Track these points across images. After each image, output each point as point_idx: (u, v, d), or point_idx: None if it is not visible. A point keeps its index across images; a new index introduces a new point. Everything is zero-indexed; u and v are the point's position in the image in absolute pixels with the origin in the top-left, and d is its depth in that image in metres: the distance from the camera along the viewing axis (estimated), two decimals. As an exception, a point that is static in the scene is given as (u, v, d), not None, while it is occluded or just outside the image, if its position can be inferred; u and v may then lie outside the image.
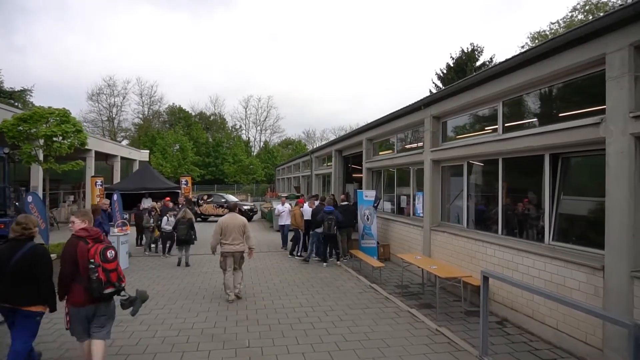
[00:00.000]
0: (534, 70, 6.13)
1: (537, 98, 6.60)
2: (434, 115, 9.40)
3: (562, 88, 6.05)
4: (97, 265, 4.03)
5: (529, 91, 6.59)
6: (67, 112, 12.41)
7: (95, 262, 4.03)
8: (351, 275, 9.70)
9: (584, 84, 5.68)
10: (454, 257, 8.29)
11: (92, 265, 4.03)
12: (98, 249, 4.08)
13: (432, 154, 9.39)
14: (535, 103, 6.72)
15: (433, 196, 9.46)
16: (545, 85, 6.22)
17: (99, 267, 4.03)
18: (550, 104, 6.43)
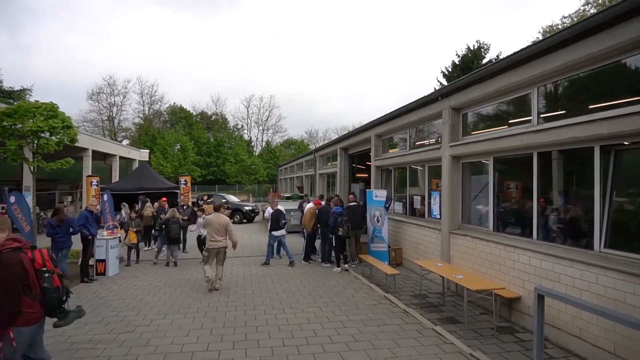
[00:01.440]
0: (581, 49, 5.24)
1: (584, 81, 5.68)
2: (454, 107, 8.50)
3: (617, 68, 5.13)
4: (52, 272, 3.49)
5: (573, 74, 5.69)
6: (54, 107, 11.55)
7: (49, 269, 3.48)
8: (362, 283, 8.81)
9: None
10: (478, 264, 7.39)
11: (47, 273, 3.46)
12: (43, 254, 3.51)
13: (451, 149, 8.49)
14: (581, 87, 5.80)
15: (452, 196, 8.56)
16: (595, 65, 5.31)
17: (53, 274, 3.50)
18: (602, 87, 5.51)
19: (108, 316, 6.32)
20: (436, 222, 9.40)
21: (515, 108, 7.11)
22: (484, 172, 8.02)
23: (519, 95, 6.79)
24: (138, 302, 7.21)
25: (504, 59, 6.61)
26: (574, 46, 5.33)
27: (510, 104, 7.19)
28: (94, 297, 7.61)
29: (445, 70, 38.61)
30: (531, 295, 6.07)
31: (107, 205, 10.99)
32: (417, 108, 10.03)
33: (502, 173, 7.50)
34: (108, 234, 9.86)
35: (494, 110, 7.69)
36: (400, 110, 10.82)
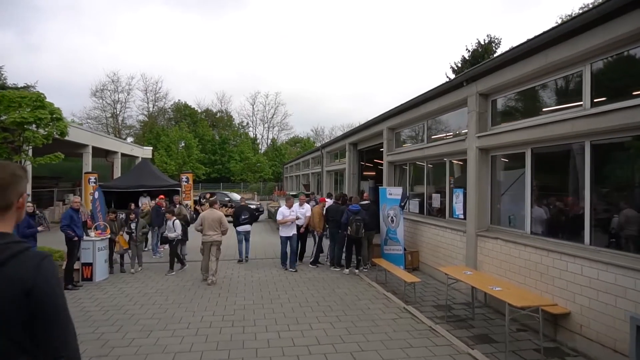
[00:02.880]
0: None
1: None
2: (482, 92, 7.50)
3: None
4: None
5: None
6: (41, 96, 10.72)
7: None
8: (377, 291, 7.83)
9: None
10: (513, 272, 6.40)
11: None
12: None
13: (478, 140, 7.49)
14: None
15: (480, 193, 7.56)
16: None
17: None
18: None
19: (83, 333, 5.39)
20: (459, 222, 8.41)
21: (559, 91, 6.09)
22: (518, 167, 7.01)
23: (565, 74, 5.78)
24: (122, 314, 6.28)
25: (548, 31, 5.60)
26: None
27: (553, 86, 6.18)
28: (74, 307, 6.68)
29: (454, 66, 37.49)
30: (584, 312, 5.08)
31: (98, 204, 10.09)
32: (437, 96, 9.02)
33: (542, 167, 6.48)
34: (96, 234, 8.96)
35: (531, 94, 6.67)
36: (417, 99, 9.81)
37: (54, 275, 1.48)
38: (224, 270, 9.56)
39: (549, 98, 6.30)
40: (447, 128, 9.44)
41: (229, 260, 10.85)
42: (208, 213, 8.67)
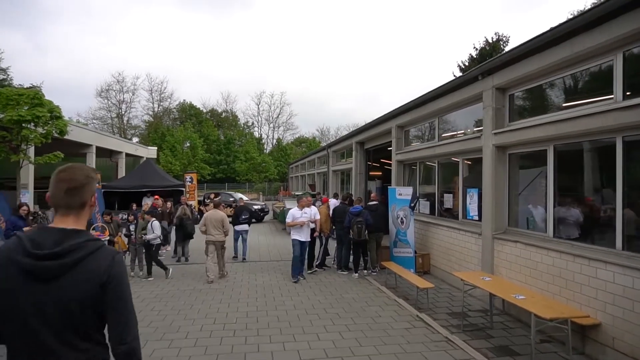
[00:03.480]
0: None
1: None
2: (498, 87, 7.07)
3: None
4: None
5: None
6: (39, 94, 10.41)
7: None
8: (387, 297, 7.42)
9: None
10: (535, 277, 5.96)
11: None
12: None
13: (495, 137, 7.06)
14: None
15: (497, 194, 7.13)
16: None
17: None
18: None
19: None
20: (474, 224, 7.98)
21: (586, 83, 5.66)
22: (538, 165, 6.59)
23: (593, 65, 5.34)
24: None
25: (575, 17, 5.17)
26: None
27: (579, 78, 5.74)
28: None
29: (461, 64, 37.01)
30: (617, 323, 4.65)
31: (96, 204, 9.75)
32: (449, 91, 8.59)
33: (566, 165, 6.05)
34: (95, 235, 8.61)
35: (554, 88, 6.24)
36: (428, 95, 9.39)
37: (124, 270, 1.67)
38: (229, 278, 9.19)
39: (574, 91, 5.87)
40: (460, 125, 9.00)
41: (228, 263, 10.48)
42: (211, 214, 8.86)
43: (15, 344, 1.54)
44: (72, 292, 1.52)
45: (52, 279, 1.51)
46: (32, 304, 1.50)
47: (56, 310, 1.51)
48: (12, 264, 1.50)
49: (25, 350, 1.52)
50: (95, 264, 1.56)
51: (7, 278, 1.51)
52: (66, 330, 1.53)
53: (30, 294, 1.50)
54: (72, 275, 1.52)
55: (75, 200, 1.64)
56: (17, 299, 1.50)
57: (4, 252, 1.55)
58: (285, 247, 13.00)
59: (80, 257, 1.54)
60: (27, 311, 1.50)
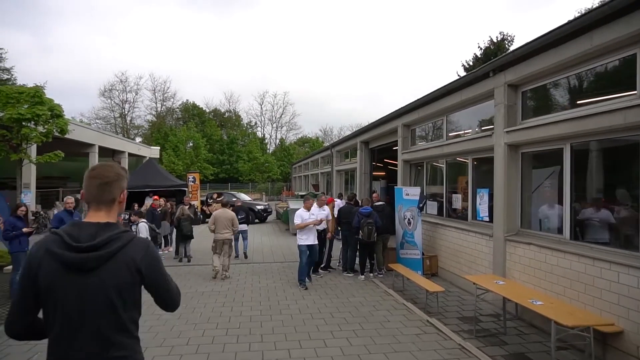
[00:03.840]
0: None
1: None
2: (511, 83, 6.82)
3: None
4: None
5: None
6: (39, 91, 10.22)
7: None
8: (395, 300, 7.18)
9: None
10: (551, 282, 5.72)
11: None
12: None
13: (507, 135, 6.81)
14: None
15: (509, 194, 6.88)
16: None
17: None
18: None
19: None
20: (484, 225, 7.74)
21: (606, 77, 5.40)
22: (552, 164, 6.35)
23: (614, 59, 5.09)
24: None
25: (595, 9, 4.93)
26: None
27: (598, 73, 5.48)
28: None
29: (466, 64, 36.71)
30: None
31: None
32: (459, 89, 8.35)
33: (584, 164, 5.79)
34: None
35: (570, 84, 5.99)
36: (437, 93, 9.15)
37: (158, 256, 1.83)
38: (228, 277, 8.98)
39: (593, 86, 5.61)
40: (469, 124, 8.75)
41: (236, 263, 10.28)
42: (221, 212, 8.99)
43: (58, 333, 1.62)
44: (111, 281, 1.63)
45: (92, 270, 1.62)
46: (75, 294, 1.60)
47: (97, 299, 1.62)
48: (52, 257, 1.60)
49: (67, 337, 1.61)
50: (131, 254, 1.68)
51: (50, 271, 1.60)
52: (105, 319, 1.64)
53: (72, 284, 1.60)
54: (110, 265, 1.64)
55: (106, 196, 1.77)
56: (60, 290, 1.60)
57: (43, 246, 1.64)
58: (289, 249, 12.79)
59: (116, 248, 1.66)
60: (70, 301, 1.60)
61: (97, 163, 1.88)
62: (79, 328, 1.61)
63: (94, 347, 1.62)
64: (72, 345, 1.61)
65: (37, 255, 1.63)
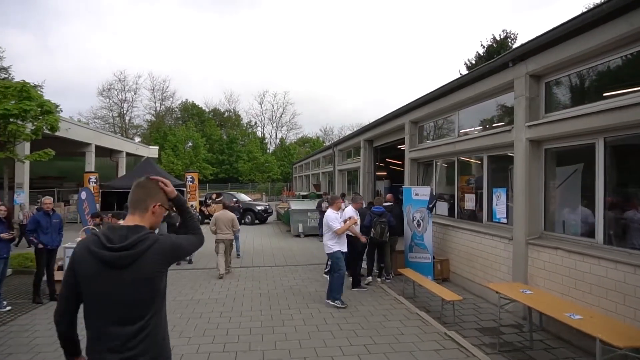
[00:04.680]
0: None
1: None
2: (533, 74, 6.28)
3: None
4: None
5: None
6: (27, 86, 9.65)
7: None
8: (407, 309, 6.63)
9: None
10: (583, 290, 5.17)
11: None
12: None
13: (529, 130, 6.27)
14: None
15: (530, 194, 6.34)
16: None
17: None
18: None
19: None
20: (501, 228, 7.20)
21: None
22: (579, 161, 5.83)
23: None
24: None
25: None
26: None
27: (637, 59, 4.94)
28: (18, 338, 5.55)
29: (468, 62, 36.18)
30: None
31: (86, 205, 9.01)
32: (473, 81, 7.81)
33: (619, 160, 5.25)
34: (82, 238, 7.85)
35: (602, 72, 5.44)
36: (448, 86, 8.62)
37: (178, 244, 2.08)
38: (227, 282, 8.44)
39: (632, 74, 5.06)
40: (485, 119, 8.22)
41: (235, 267, 9.74)
42: (221, 214, 9.30)
43: (96, 321, 1.86)
44: (141, 275, 1.86)
45: (125, 266, 1.84)
46: (111, 286, 1.83)
47: (130, 290, 1.84)
48: (92, 255, 1.84)
49: (104, 325, 1.84)
50: (157, 252, 1.91)
51: (90, 267, 1.85)
52: (137, 307, 1.86)
53: (108, 278, 1.83)
54: (140, 262, 1.86)
55: (141, 205, 2.02)
56: (98, 283, 1.84)
57: (84, 246, 1.88)
58: (290, 251, 12.26)
59: (145, 248, 1.88)
60: (107, 293, 1.83)
61: (144, 177, 2.14)
62: (114, 317, 1.83)
63: (130, 333, 1.83)
64: (109, 331, 1.83)
65: (80, 253, 1.88)
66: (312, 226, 15.56)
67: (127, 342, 1.84)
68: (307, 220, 15.67)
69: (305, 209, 15.89)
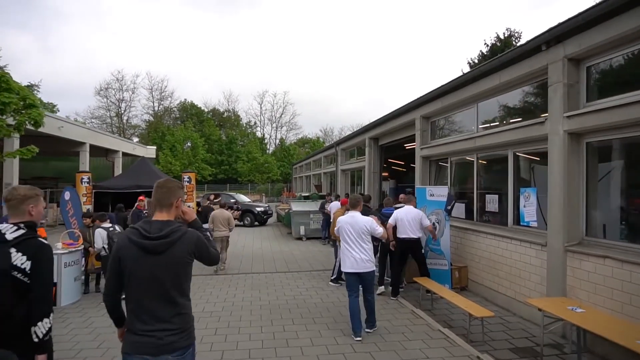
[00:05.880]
0: None
1: None
2: (572, 57, 5.51)
3: None
4: None
5: None
6: (5, 76, 8.87)
7: None
8: (428, 325, 5.83)
9: None
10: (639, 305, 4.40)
11: None
12: None
13: (568, 121, 5.49)
14: None
15: (569, 194, 5.56)
16: None
17: None
18: None
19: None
20: (532, 232, 6.43)
21: None
22: (629, 156, 5.06)
23: None
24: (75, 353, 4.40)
25: None
26: None
27: None
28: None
29: (471, 61, 35.49)
30: None
31: (70, 207, 8.22)
32: (496, 70, 7.02)
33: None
34: (63, 246, 7.07)
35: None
36: (467, 76, 7.87)
37: (204, 241, 2.47)
38: (224, 291, 7.65)
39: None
40: (509, 111, 7.45)
41: (228, 275, 8.96)
42: (219, 213, 9.79)
43: (137, 299, 2.28)
44: (175, 260, 2.31)
45: (161, 253, 2.28)
46: (149, 269, 2.26)
47: (165, 272, 2.28)
48: (133, 244, 2.28)
49: (144, 301, 2.27)
50: (186, 241, 2.35)
51: (132, 254, 2.27)
52: (171, 286, 2.30)
53: (147, 263, 2.27)
54: (173, 249, 2.31)
55: (166, 201, 2.42)
56: (139, 267, 2.27)
57: (126, 237, 2.32)
58: (292, 255, 11.48)
59: (177, 237, 2.32)
60: (146, 274, 2.27)
61: (163, 179, 2.56)
62: (152, 294, 2.27)
63: (164, 306, 2.28)
64: (146, 305, 2.27)
65: (122, 244, 2.32)
66: (314, 228, 14.79)
67: (160, 316, 2.26)
68: (310, 222, 14.89)
69: (307, 211, 15.10)
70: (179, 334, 2.29)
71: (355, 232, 5.41)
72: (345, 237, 5.49)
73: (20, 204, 2.35)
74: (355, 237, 5.41)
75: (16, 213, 2.36)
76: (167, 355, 2.23)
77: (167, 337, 2.24)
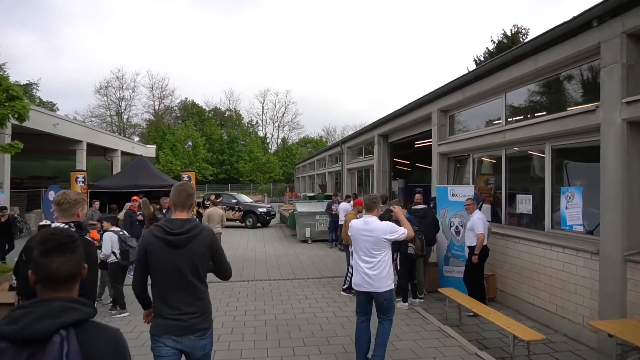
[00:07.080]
0: None
1: None
2: (632, 33, 4.69)
3: None
4: None
5: None
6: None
7: None
8: (463, 347, 4.99)
9: None
10: None
11: None
12: None
13: (628, 109, 4.67)
14: None
15: (629, 193, 4.74)
16: None
17: None
18: None
19: None
20: (575, 238, 5.61)
21: None
22: None
23: None
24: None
25: None
26: None
27: None
28: None
29: (477, 59, 34.60)
30: None
31: (54, 207, 7.43)
32: (531, 53, 6.19)
33: None
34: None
35: None
36: (491, 64, 7.08)
37: (216, 238, 2.85)
38: (225, 302, 6.84)
39: None
40: (545, 99, 6.62)
41: (229, 283, 8.15)
42: (213, 210, 10.07)
43: (162, 287, 2.61)
44: (194, 252, 2.62)
45: (183, 246, 2.59)
46: (173, 261, 2.57)
47: (186, 263, 2.59)
48: (158, 239, 2.59)
49: (167, 288, 2.60)
50: (204, 237, 2.68)
51: (157, 248, 2.58)
52: (192, 275, 2.61)
53: (171, 255, 2.58)
54: (193, 243, 2.62)
55: (187, 202, 2.76)
56: (164, 259, 2.58)
57: (151, 234, 2.63)
58: (297, 260, 10.69)
59: (196, 233, 2.64)
60: (170, 265, 2.58)
61: (182, 181, 3.22)
62: (176, 282, 2.59)
63: (186, 292, 2.61)
64: (171, 292, 2.59)
65: (148, 240, 2.62)
66: (320, 230, 13.96)
67: (184, 301, 2.60)
68: (316, 224, 14.07)
69: (313, 212, 14.28)
70: (200, 317, 2.64)
71: (369, 243, 4.22)
72: (356, 246, 4.39)
73: (72, 207, 2.71)
74: (369, 248, 4.21)
75: (66, 215, 2.71)
76: (190, 335, 2.58)
77: (190, 319, 2.58)
